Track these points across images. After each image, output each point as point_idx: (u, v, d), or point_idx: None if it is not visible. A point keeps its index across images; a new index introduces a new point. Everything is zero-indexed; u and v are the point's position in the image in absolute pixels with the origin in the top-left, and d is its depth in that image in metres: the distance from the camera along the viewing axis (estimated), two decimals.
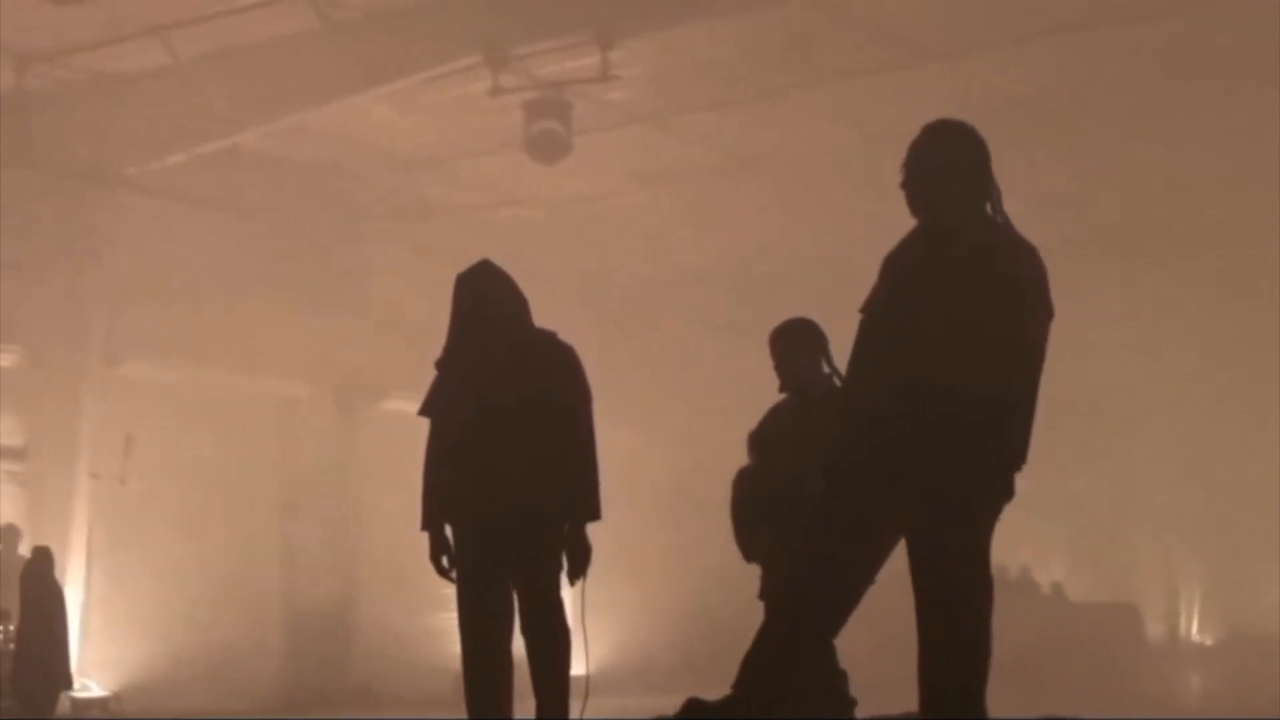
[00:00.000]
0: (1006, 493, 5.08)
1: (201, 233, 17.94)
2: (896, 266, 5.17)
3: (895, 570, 5.59)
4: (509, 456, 6.19)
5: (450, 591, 6.28)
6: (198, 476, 17.76)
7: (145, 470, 17.23)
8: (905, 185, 5.31)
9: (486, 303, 6.42)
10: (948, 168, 5.26)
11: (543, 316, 6.39)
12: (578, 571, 6.33)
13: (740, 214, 19.43)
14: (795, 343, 6.73)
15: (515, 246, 21.26)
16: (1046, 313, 5.20)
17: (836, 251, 20.55)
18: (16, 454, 16.92)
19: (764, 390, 7.26)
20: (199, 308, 17.81)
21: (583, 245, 20.92)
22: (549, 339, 6.50)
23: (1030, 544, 26.89)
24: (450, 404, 6.37)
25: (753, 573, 7.10)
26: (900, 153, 18.05)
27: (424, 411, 6.47)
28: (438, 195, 19.82)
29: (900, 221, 18.98)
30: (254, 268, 18.40)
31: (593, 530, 6.35)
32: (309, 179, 19.01)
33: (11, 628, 13.50)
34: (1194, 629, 29.52)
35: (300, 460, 19.04)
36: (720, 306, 21.16)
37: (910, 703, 5.30)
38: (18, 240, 16.74)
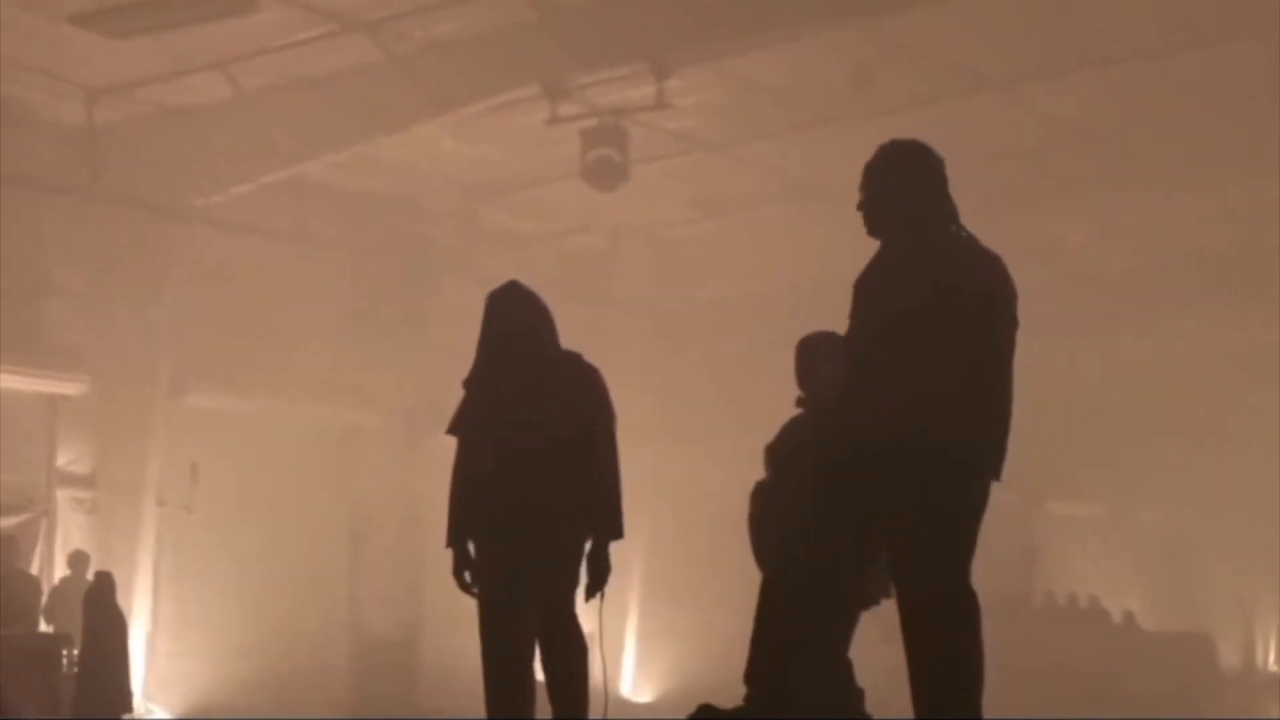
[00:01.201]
0: (984, 503, 5.11)
1: (267, 263, 18.16)
2: (871, 289, 5.19)
3: None
4: (533, 476, 6.26)
5: None
6: (264, 505, 17.93)
7: (211, 498, 17.41)
8: (864, 206, 5.31)
9: (515, 323, 6.49)
10: (907, 186, 5.26)
11: (605, 341, 6.41)
12: (596, 588, 6.37)
13: (798, 240, 19.47)
14: (815, 356, 6.74)
15: (579, 273, 21.58)
16: (1012, 323, 5.20)
17: None
18: (85, 482, 17.12)
19: None
20: (265, 338, 18.02)
21: (645, 271, 21.03)
22: (574, 360, 6.56)
23: (1102, 574, 26.76)
24: (476, 423, 6.44)
25: None
26: (958, 179, 17.97)
27: (451, 431, 6.54)
28: (502, 223, 20.00)
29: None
30: (320, 298, 18.60)
31: (656, 551, 6.42)
32: (374, 209, 19.23)
33: (75, 651, 13.66)
34: (1270, 659, 29.25)
35: (366, 489, 19.17)
36: (781, 329, 21.18)
37: None
38: (86, 271, 17.05)
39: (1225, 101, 16.38)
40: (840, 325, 7.07)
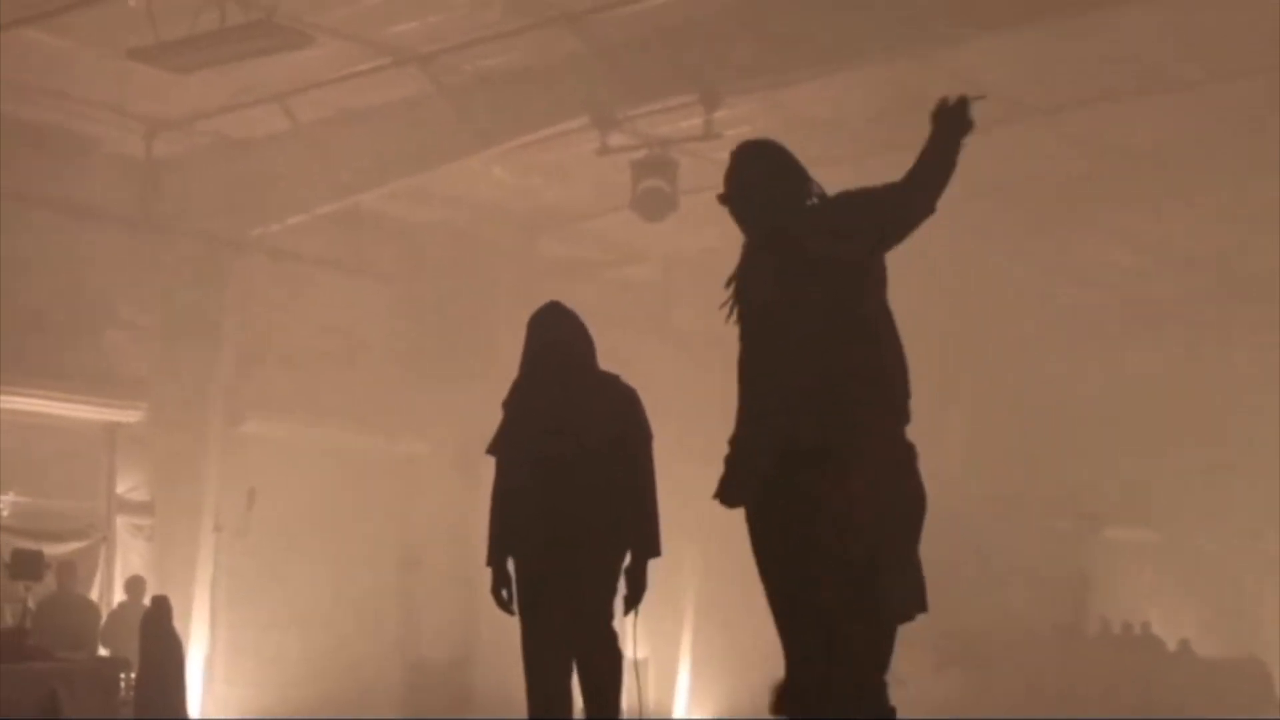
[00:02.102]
0: None
1: (323, 293, 18.40)
2: (752, 283, 5.27)
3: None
4: (566, 490, 6.40)
5: None
6: (319, 531, 18.14)
7: (267, 524, 17.64)
8: (726, 199, 5.38)
9: (553, 342, 6.61)
10: (766, 175, 5.34)
11: (659, 367, 6.50)
12: (632, 604, 6.50)
13: None
14: None
15: (632, 302, 21.73)
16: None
17: (941, 304, 20.66)
18: (143, 509, 17.35)
19: None
20: (321, 366, 18.23)
21: (698, 301, 21.13)
22: (613, 381, 6.69)
23: (1158, 600, 26.64)
24: (516, 444, 6.57)
25: None
26: (1007, 206, 18.23)
27: (490, 451, 6.68)
28: (554, 253, 20.15)
29: (1010, 276, 19.12)
30: (374, 327, 18.83)
31: (710, 573, 6.51)
32: (427, 239, 19.44)
33: (132, 675, 13.86)
34: None
35: (420, 516, 19.30)
36: None
37: None
38: (145, 302, 17.32)
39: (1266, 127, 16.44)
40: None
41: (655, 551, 6.58)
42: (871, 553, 5.08)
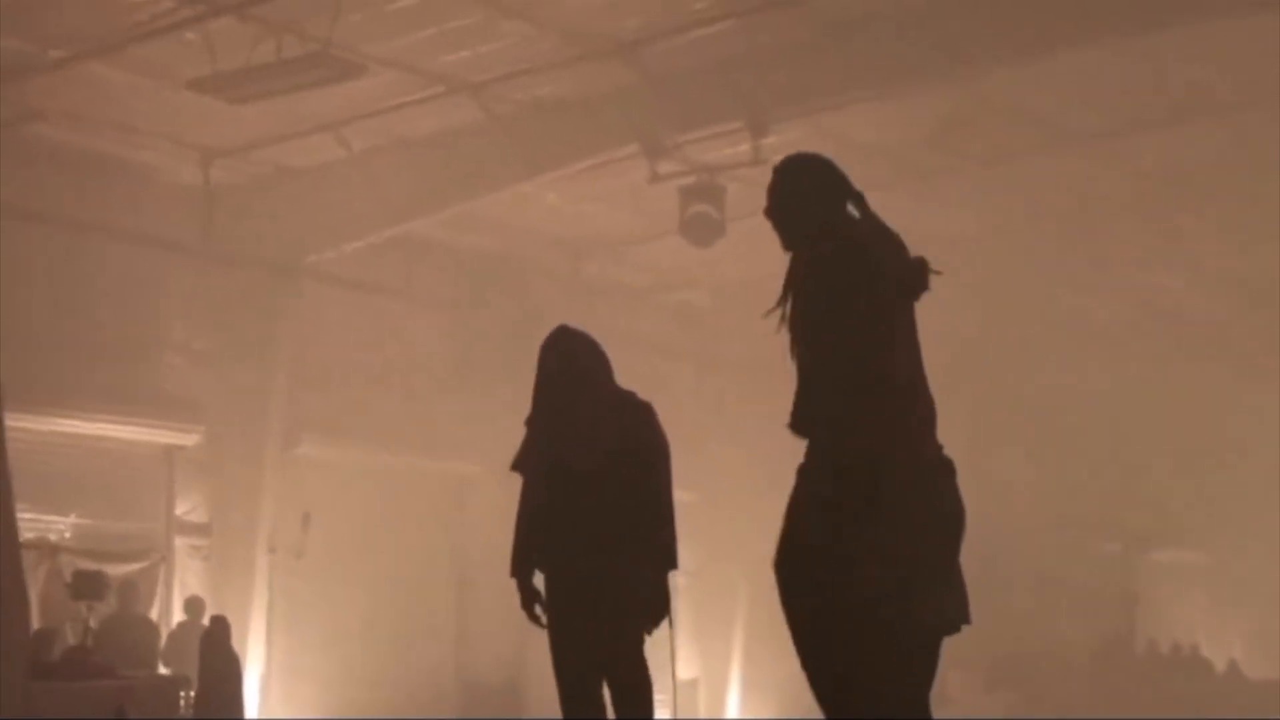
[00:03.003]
0: None
1: (377, 318, 18.65)
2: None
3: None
4: (592, 509, 6.57)
5: None
6: (373, 552, 18.39)
7: (322, 546, 17.88)
8: (770, 214, 5.44)
9: (571, 364, 6.78)
10: (805, 192, 5.45)
11: (706, 391, 6.56)
12: (657, 618, 6.64)
13: None
14: None
15: (684, 328, 21.92)
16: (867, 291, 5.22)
17: (987, 331, 20.76)
18: (201, 530, 17.61)
19: None
20: (374, 390, 18.47)
21: (747, 327, 21.29)
22: (629, 397, 6.85)
23: (1206, 622, 26.60)
24: (538, 460, 6.77)
25: None
26: (1053, 233, 18.23)
27: (515, 467, 6.86)
28: (605, 278, 20.35)
29: (1056, 303, 19.06)
30: (428, 351, 19.05)
31: (759, 599, 6.57)
32: (480, 265, 19.67)
33: (191, 694, 14.09)
34: None
35: (472, 537, 19.47)
36: None
37: None
38: (202, 327, 17.60)
39: None
40: (937, 386, 7.29)
41: (673, 563, 6.71)
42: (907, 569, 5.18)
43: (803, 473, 5.20)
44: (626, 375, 7.03)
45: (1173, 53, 14.32)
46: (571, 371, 6.76)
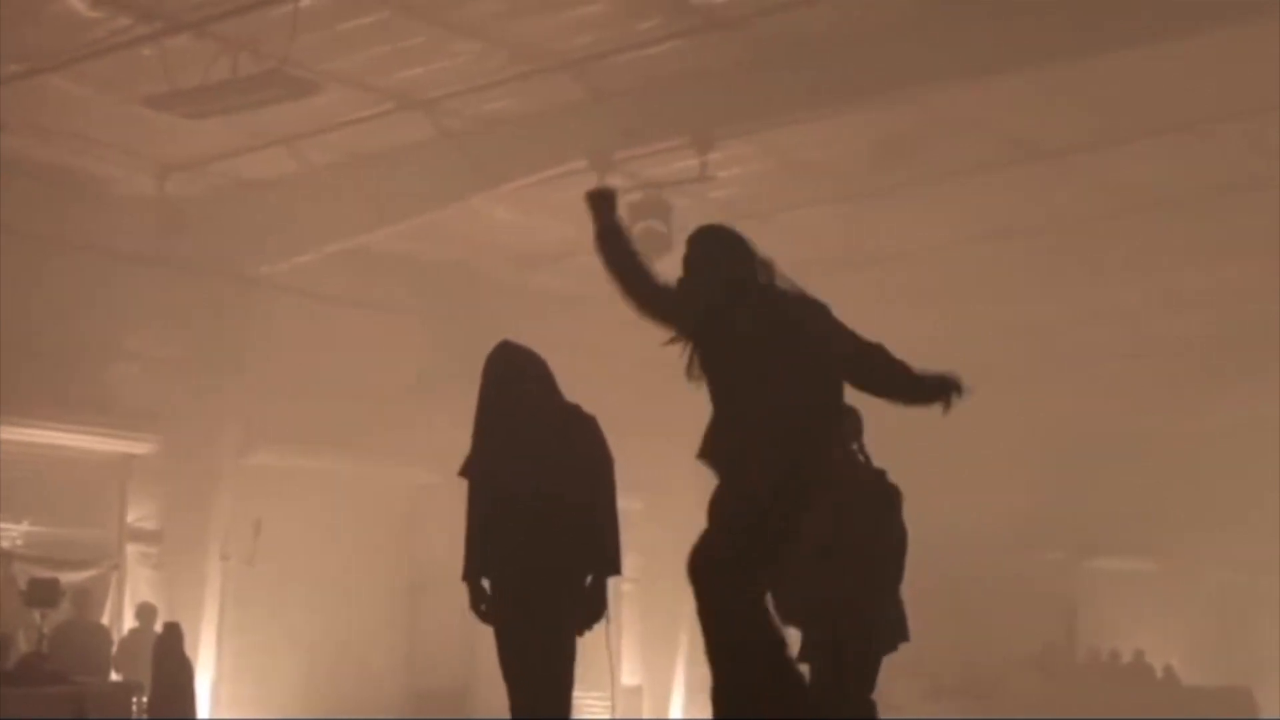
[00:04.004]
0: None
1: (331, 328, 18.77)
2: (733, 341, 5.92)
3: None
4: (534, 521, 6.80)
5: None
6: (325, 559, 18.58)
7: (275, 553, 18.05)
8: (683, 283, 6.01)
9: (513, 379, 7.00)
10: (714, 261, 6.00)
11: (650, 402, 6.72)
12: (590, 621, 6.90)
13: (838, 307, 19.91)
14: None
15: (630, 337, 22.05)
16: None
17: (935, 345, 21.02)
18: (153, 538, 17.78)
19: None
20: (329, 399, 18.61)
21: None
22: (573, 410, 7.10)
23: (1144, 629, 26.99)
24: (486, 468, 7.00)
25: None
26: (1000, 248, 18.32)
27: (463, 473, 7.13)
28: (555, 288, 20.52)
29: (1005, 315, 19.28)
30: (382, 360, 19.20)
31: None
32: (433, 276, 19.87)
33: (144, 699, 14.26)
34: None
35: (427, 546, 19.60)
36: None
37: None
38: (157, 336, 17.76)
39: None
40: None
41: (615, 569, 6.94)
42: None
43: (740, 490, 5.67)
44: (574, 383, 7.28)
45: (1123, 70, 14.47)
46: (514, 386, 6.99)
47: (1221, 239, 18.91)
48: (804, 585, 6.67)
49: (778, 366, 5.77)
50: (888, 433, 7.87)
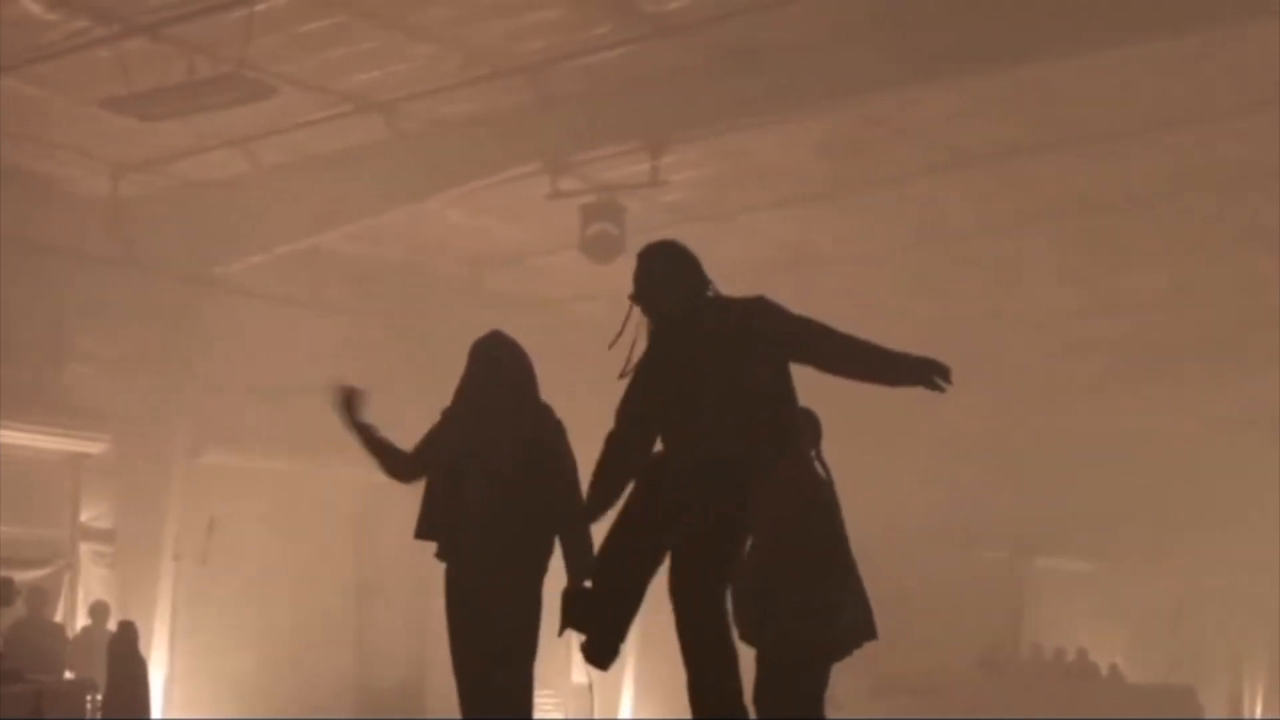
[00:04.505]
0: None
1: (284, 328, 18.82)
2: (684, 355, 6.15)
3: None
4: (499, 514, 6.83)
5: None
6: (277, 558, 18.62)
7: (228, 553, 18.09)
8: (634, 298, 6.23)
9: (498, 369, 7.04)
10: (669, 274, 6.22)
11: (608, 402, 6.75)
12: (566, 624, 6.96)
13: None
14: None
15: (584, 338, 22.10)
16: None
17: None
18: (106, 537, 17.80)
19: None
20: (281, 399, 18.63)
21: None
22: (547, 412, 7.13)
23: (1089, 627, 27.30)
24: (449, 454, 7.00)
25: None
26: (948, 250, 18.48)
27: (415, 458, 7.17)
28: (507, 290, 20.62)
29: (949, 316, 19.46)
30: (335, 361, 19.17)
31: (654, 603, 6.73)
32: (386, 277, 19.93)
33: (99, 697, 14.33)
34: (1257, 710, 29.59)
35: (379, 545, 19.65)
36: None
37: None
38: (109, 336, 17.76)
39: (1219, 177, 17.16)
40: (833, 397, 7.74)
41: (588, 574, 6.93)
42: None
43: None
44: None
45: (1068, 76, 14.69)
46: (498, 376, 7.04)
47: (1155, 244, 19.23)
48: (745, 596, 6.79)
49: (739, 376, 5.96)
50: (832, 432, 7.98)
